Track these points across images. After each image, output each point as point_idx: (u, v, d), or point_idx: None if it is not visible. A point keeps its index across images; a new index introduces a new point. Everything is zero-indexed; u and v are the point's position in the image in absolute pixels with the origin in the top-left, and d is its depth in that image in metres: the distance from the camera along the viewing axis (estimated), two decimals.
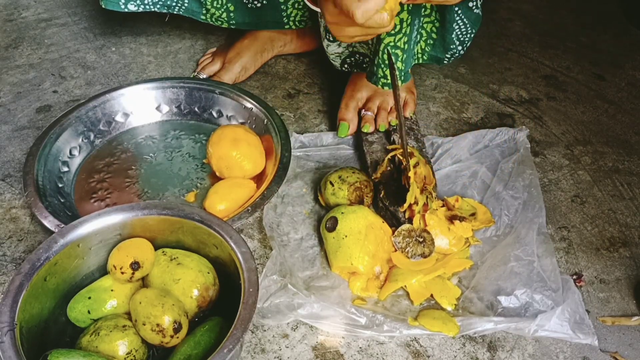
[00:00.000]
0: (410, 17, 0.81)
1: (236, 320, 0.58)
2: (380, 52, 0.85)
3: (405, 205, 0.77)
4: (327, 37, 0.95)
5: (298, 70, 1.15)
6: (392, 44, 0.83)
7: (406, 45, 0.86)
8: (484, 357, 0.70)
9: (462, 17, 0.91)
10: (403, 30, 0.81)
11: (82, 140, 0.93)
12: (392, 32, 0.81)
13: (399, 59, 0.87)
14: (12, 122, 1.02)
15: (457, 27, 0.92)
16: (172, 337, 0.62)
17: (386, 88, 0.92)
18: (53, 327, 0.65)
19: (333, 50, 0.96)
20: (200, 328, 0.64)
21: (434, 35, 0.94)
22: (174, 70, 1.15)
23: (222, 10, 1.00)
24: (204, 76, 1.07)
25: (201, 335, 0.63)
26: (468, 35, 0.94)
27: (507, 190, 0.86)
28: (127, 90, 0.97)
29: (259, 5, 1.01)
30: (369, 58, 0.94)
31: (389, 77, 0.88)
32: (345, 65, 1.00)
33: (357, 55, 0.97)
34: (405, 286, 0.75)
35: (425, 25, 0.92)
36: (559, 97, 1.12)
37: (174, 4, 0.99)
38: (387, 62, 0.85)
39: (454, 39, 0.93)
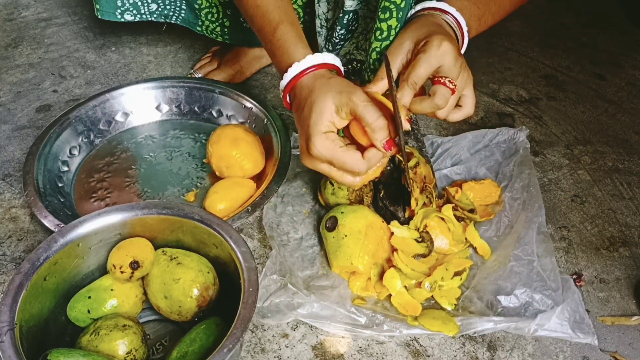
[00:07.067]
0: (399, 25, 0.80)
1: (236, 320, 0.58)
2: (368, 57, 0.84)
3: (415, 210, 0.77)
4: (327, 46, 0.95)
5: None
6: (378, 49, 0.82)
7: None
8: (483, 357, 0.70)
9: None
10: (391, 38, 0.80)
11: (82, 139, 0.93)
12: (380, 37, 0.81)
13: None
14: (12, 121, 1.01)
15: None
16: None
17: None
18: (53, 327, 0.65)
19: None
20: (197, 327, 0.64)
21: None
22: (174, 69, 1.15)
23: (217, 24, 1.00)
24: (200, 75, 1.08)
25: (197, 333, 0.63)
26: None
27: (507, 193, 0.86)
28: (127, 90, 0.97)
29: None
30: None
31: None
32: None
33: (355, 63, 0.96)
34: (405, 286, 0.75)
35: None
36: (559, 97, 1.12)
37: (170, 13, 0.99)
38: (372, 66, 0.84)
39: None
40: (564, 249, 0.83)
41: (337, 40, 0.92)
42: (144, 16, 0.97)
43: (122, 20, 0.96)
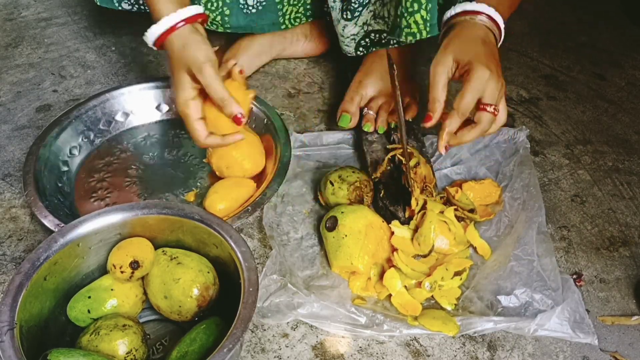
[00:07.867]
0: None
1: (236, 320, 0.58)
2: (404, 1, 0.82)
3: (415, 208, 0.77)
4: (344, 16, 0.92)
5: (298, 70, 1.15)
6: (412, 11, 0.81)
7: None
8: (483, 357, 0.70)
9: None
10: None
11: (82, 139, 0.93)
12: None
13: (422, 7, 0.81)
14: (12, 121, 1.01)
15: None
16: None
17: (410, 38, 0.84)
18: (53, 327, 0.65)
19: (349, 32, 0.93)
20: (197, 327, 0.64)
21: None
22: None
23: (217, 13, 1.00)
24: None
25: (197, 333, 0.63)
26: None
27: (507, 193, 0.86)
28: (127, 90, 0.97)
29: (254, 11, 1.01)
30: (386, 32, 0.91)
31: (412, 27, 0.83)
32: (361, 49, 0.96)
33: (373, 34, 0.94)
34: (405, 286, 0.75)
35: None
36: (559, 97, 1.12)
37: None
38: (409, 10, 0.81)
39: None
40: (564, 249, 0.83)
41: (355, 6, 0.90)
42: (142, 7, 0.97)
43: (120, 8, 0.96)
